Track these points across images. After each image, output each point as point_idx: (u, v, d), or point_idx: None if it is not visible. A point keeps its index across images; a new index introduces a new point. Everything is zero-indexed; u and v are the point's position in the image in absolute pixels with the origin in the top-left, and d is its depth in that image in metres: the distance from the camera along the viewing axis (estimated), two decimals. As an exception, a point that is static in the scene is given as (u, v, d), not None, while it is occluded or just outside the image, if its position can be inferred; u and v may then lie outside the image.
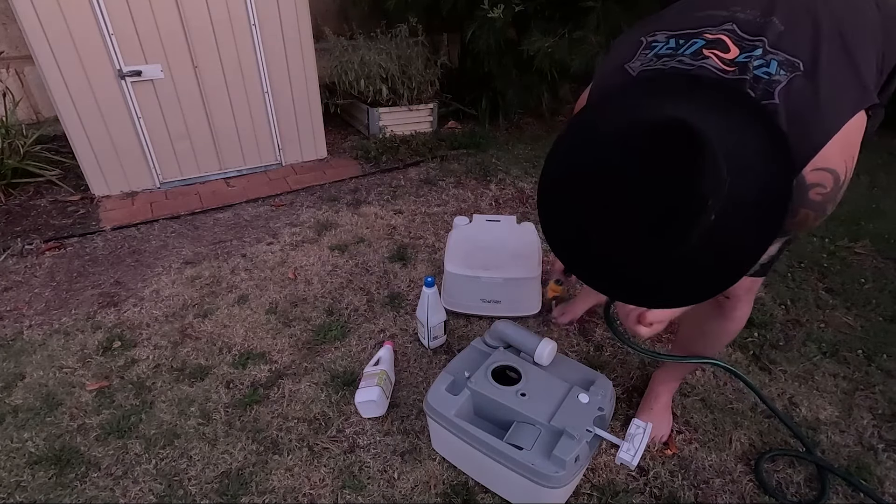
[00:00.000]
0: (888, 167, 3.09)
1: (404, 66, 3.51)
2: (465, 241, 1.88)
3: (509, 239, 1.86)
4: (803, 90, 0.67)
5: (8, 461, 1.32)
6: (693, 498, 1.22)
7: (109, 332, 1.77)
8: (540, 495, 1.09)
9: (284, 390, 1.52)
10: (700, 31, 0.75)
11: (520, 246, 1.83)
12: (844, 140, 0.68)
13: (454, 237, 1.89)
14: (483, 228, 1.94)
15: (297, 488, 1.24)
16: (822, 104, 0.67)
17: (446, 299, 1.79)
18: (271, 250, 2.25)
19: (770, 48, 0.70)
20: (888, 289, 1.96)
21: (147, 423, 1.42)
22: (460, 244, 1.86)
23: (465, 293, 1.78)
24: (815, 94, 0.67)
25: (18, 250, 2.27)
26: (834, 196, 0.71)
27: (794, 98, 0.67)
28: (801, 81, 0.67)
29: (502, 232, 1.91)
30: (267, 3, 2.71)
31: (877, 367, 1.59)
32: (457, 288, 1.78)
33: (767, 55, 0.70)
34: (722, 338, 1.21)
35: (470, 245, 1.85)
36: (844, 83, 0.70)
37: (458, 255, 1.80)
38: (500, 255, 1.77)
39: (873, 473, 1.26)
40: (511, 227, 1.92)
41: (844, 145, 0.68)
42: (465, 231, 1.94)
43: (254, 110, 2.95)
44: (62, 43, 2.35)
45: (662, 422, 1.37)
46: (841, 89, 0.69)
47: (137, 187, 2.82)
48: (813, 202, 0.70)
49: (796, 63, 0.69)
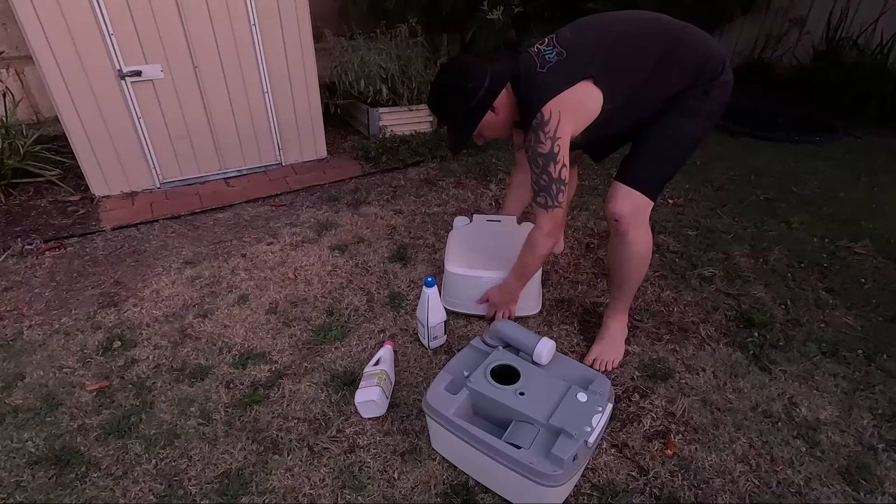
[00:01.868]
0: (888, 167, 3.09)
1: (404, 67, 3.52)
2: (466, 241, 1.88)
3: (509, 239, 1.86)
4: (557, 66, 1.35)
5: (8, 461, 1.32)
6: (693, 498, 1.22)
7: (109, 332, 1.77)
8: (539, 494, 1.09)
9: (284, 390, 1.52)
10: (549, 36, 1.46)
11: (520, 246, 1.83)
12: (560, 99, 1.32)
13: (454, 237, 1.89)
14: (483, 228, 1.94)
15: (297, 488, 1.24)
16: (557, 75, 1.34)
17: (446, 299, 1.79)
18: (271, 250, 2.25)
19: (559, 45, 1.37)
20: (888, 289, 1.96)
21: (147, 423, 1.43)
22: (461, 244, 1.86)
23: (465, 293, 1.78)
24: (559, 69, 1.34)
25: (18, 250, 2.27)
26: (540, 127, 1.34)
27: (552, 69, 1.35)
28: (559, 62, 1.35)
29: (502, 232, 1.90)
30: (267, 3, 2.71)
31: (877, 367, 1.59)
32: (457, 288, 1.78)
33: (555, 49, 1.37)
34: (631, 263, 1.49)
35: (470, 245, 1.85)
36: (575, 68, 1.34)
37: (458, 256, 1.80)
38: (500, 254, 1.76)
39: (873, 473, 1.26)
40: (511, 228, 1.92)
41: (558, 101, 1.32)
42: (465, 231, 1.94)
43: (254, 110, 2.95)
44: (62, 43, 2.35)
45: (614, 348, 1.61)
46: (571, 71, 1.34)
47: (137, 187, 2.82)
48: (531, 126, 1.36)
49: (563, 53, 1.35)
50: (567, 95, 1.32)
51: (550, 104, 1.31)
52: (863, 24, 4.10)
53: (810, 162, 3.17)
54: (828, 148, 3.41)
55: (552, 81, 1.33)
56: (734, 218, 2.48)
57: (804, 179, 2.91)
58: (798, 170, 3.05)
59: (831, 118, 3.82)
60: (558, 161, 1.34)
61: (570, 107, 1.33)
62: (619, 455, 1.32)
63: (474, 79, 1.38)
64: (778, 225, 2.42)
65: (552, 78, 1.33)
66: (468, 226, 1.97)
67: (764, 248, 2.23)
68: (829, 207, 2.58)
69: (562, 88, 1.31)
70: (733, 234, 2.35)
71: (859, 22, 4.15)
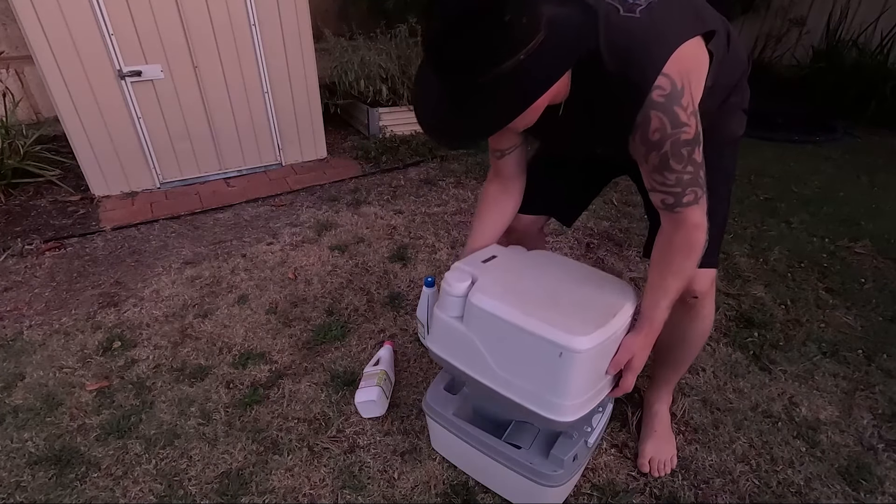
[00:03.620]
0: (888, 167, 3.09)
1: (404, 67, 3.52)
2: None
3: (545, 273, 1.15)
4: (658, 11, 0.82)
5: (8, 461, 1.32)
6: (693, 498, 1.22)
7: (109, 332, 1.77)
8: (538, 494, 1.09)
9: (284, 390, 1.52)
10: None
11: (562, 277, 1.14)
12: (680, 56, 0.80)
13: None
14: (501, 271, 1.14)
15: (297, 488, 1.24)
16: (667, 23, 0.82)
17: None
18: (271, 250, 2.25)
19: None
20: (888, 289, 1.95)
21: (147, 423, 1.42)
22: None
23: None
24: (664, 16, 0.82)
25: (18, 250, 2.27)
26: (675, 100, 0.80)
27: (652, 16, 0.81)
28: (658, 5, 0.82)
29: (531, 266, 1.17)
30: (267, 3, 2.71)
31: (877, 367, 1.59)
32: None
33: None
34: (699, 340, 1.23)
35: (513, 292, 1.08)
36: (685, 15, 0.86)
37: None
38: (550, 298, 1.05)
39: (873, 473, 1.26)
40: (534, 259, 1.21)
41: (680, 60, 0.80)
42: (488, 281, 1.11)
43: (254, 110, 2.95)
44: (62, 43, 2.35)
45: (668, 443, 1.32)
46: (682, 17, 0.85)
47: (137, 187, 2.82)
48: (657, 103, 0.79)
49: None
50: (684, 51, 0.81)
51: (673, 63, 0.79)
52: (862, 24, 4.10)
53: (810, 162, 3.17)
54: (828, 148, 3.41)
55: (662, 29, 0.81)
56: (734, 218, 2.48)
57: (804, 179, 2.91)
58: (798, 170, 3.05)
59: (831, 118, 3.82)
60: (701, 140, 0.87)
61: (692, 66, 0.84)
62: (619, 455, 1.32)
63: (526, 12, 0.74)
64: (778, 225, 2.42)
65: (660, 25, 0.81)
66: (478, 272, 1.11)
67: (764, 248, 2.22)
68: (829, 207, 2.58)
69: (679, 40, 0.80)
70: (733, 233, 2.35)
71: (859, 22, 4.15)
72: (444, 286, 1.06)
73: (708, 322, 1.19)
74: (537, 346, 0.92)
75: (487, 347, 1.01)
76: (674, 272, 0.99)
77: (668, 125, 0.81)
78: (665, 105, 0.80)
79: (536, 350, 0.92)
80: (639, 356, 1.04)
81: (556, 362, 0.91)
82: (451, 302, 1.05)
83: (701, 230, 0.95)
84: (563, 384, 0.93)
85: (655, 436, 1.32)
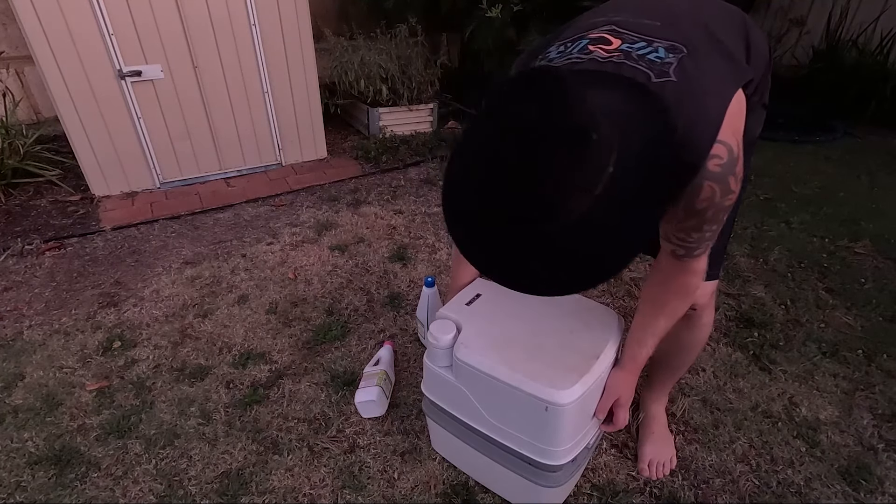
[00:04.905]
0: (888, 167, 3.09)
1: (404, 66, 3.51)
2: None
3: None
4: (693, 69, 0.71)
5: (8, 461, 1.32)
6: (693, 498, 1.22)
7: (109, 332, 1.77)
8: (538, 494, 1.09)
9: (284, 390, 1.52)
10: (584, 34, 0.79)
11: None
12: (730, 114, 0.72)
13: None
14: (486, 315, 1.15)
15: (297, 488, 1.24)
16: (710, 80, 0.73)
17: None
18: (271, 250, 2.25)
19: (654, 37, 0.75)
20: (888, 289, 1.95)
21: (147, 423, 1.43)
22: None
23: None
24: (703, 72, 0.72)
25: (18, 250, 2.27)
26: (731, 168, 0.73)
27: (688, 75, 0.70)
28: (689, 61, 0.72)
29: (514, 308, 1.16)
30: (267, 3, 2.71)
31: (877, 367, 1.59)
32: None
33: (654, 43, 0.74)
34: (697, 348, 1.23)
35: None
36: (722, 63, 0.76)
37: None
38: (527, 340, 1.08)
39: (873, 473, 1.26)
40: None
41: (730, 119, 0.72)
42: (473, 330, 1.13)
43: (254, 110, 2.95)
44: (62, 43, 2.35)
45: (667, 444, 1.32)
46: (720, 67, 0.76)
47: (137, 187, 2.82)
48: (713, 173, 0.73)
49: (679, 47, 0.73)
50: (732, 109, 0.73)
51: (727, 126, 0.72)
52: (862, 24, 4.09)
53: (810, 162, 3.17)
54: (828, 148, 3.41)
55: (705, 88, 0.72)
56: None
57: (804, 179, 2.91)
58: (798, 170, 3.05)
59: (831, 118, 3.82)
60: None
61: (740, 123, 0.76)
62: (619, 455, 1.32)
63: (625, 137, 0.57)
64: (778, 225, 2.42)
65: (703, 82, 0.72)
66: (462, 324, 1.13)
67: (764, 248, 2.22)
68: (829, 207, 2.58)
69: (726, 97, 0.73)
70: (733, 234, 2.34)
71: (859, 22, 4.14)
72: (430, 338, 1.09)
73: (707, 330, 1.19)
74: (524, 399, 0.96)
75: (478, 398, 1.06)
76: (667, 314, 0.99)
77: (719, 194, 0.74)
78: (720, 175, 0.73)
79: (524, 403, 0.97)
80: (625, 394, 1.06)
81: (544, 415, 0.96)
82: (438, 354, 1.09)
83: (700, 276, 0.93)
84: (553, 434, 0.99)
85: (653, 438, 1.33)
